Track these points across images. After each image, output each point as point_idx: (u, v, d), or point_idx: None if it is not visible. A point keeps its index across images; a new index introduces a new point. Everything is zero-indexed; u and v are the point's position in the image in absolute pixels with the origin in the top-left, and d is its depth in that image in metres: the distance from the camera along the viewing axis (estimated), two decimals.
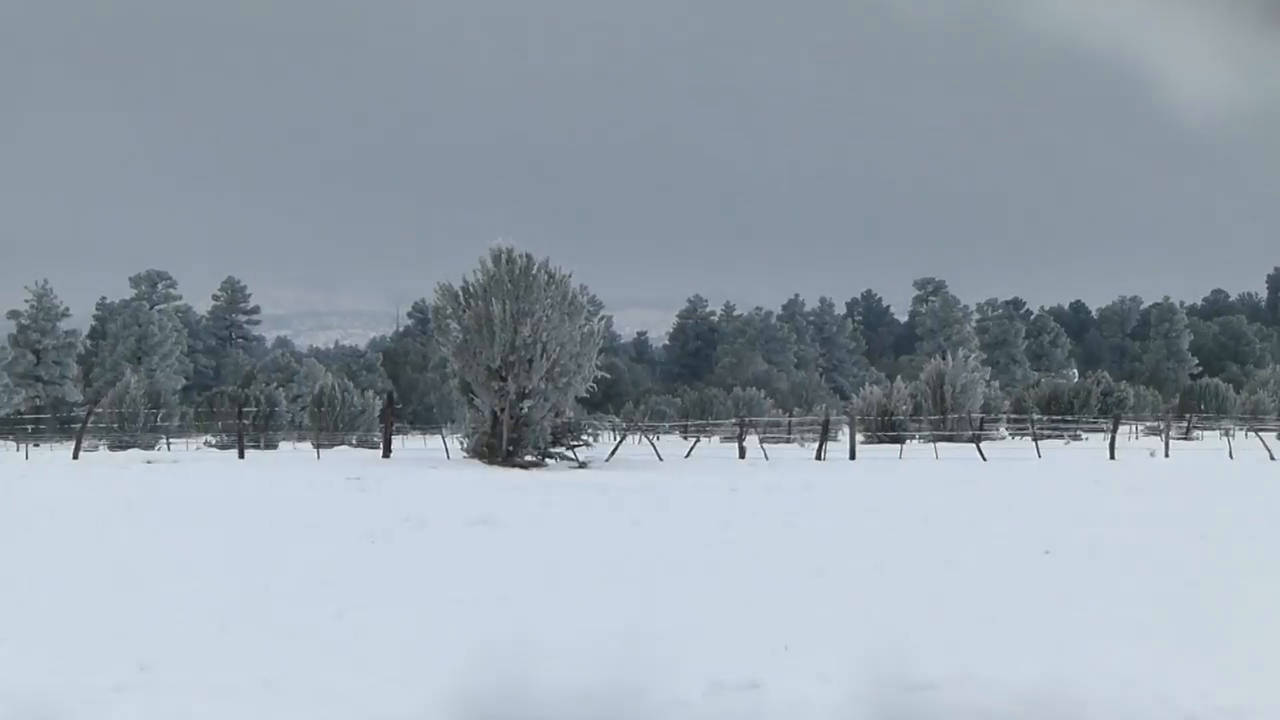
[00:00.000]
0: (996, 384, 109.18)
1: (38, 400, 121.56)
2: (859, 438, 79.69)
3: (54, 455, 76.05)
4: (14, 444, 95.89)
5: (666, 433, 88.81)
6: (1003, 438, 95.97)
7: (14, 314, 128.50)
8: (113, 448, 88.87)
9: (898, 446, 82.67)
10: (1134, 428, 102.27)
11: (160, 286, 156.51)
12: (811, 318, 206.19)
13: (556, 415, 62.94)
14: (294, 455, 76.36)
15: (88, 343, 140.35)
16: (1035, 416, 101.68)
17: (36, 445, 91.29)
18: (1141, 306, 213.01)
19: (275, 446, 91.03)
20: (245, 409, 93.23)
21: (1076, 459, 70.69)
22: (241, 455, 71.64)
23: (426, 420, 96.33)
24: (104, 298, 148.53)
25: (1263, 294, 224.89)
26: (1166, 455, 74.51)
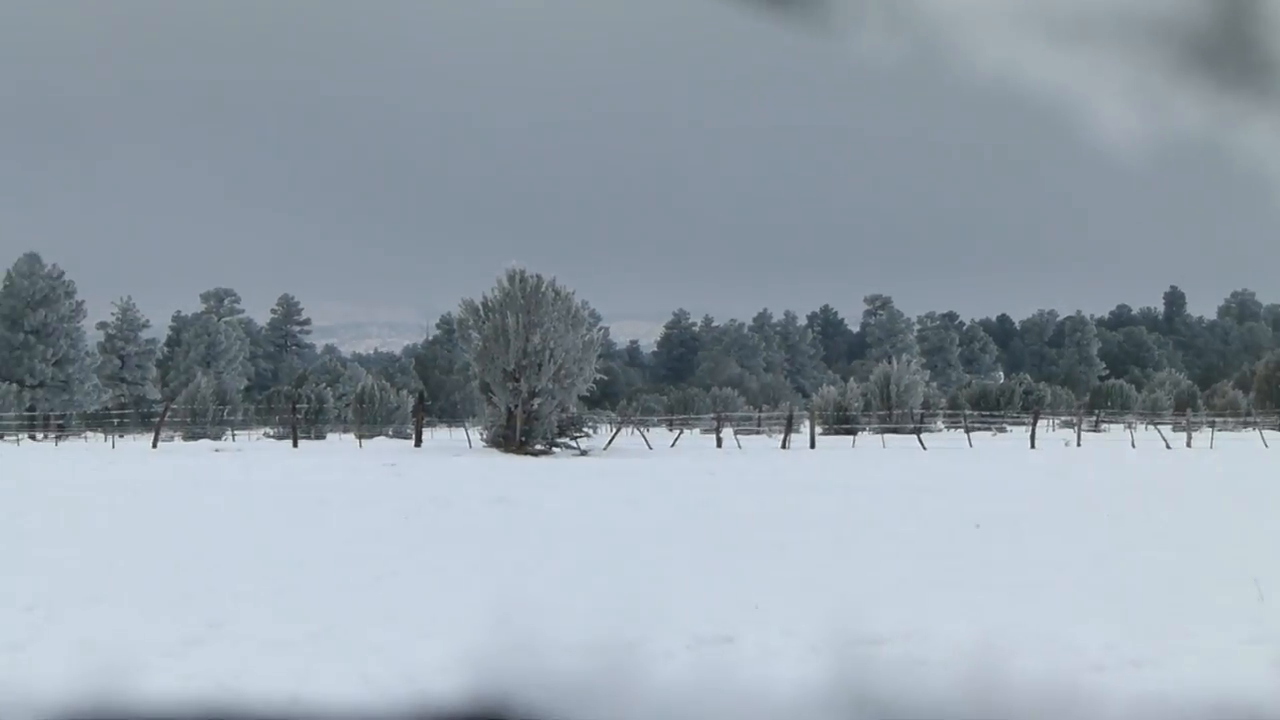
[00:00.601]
0: (934, 385, 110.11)
1: (122, 398, 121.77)
2: (818, 430, 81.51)
3: (136, 445, 76.22)
4: (103, 435, 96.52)
5: (655, 426, 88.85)
6: (940, 430, 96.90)
7: (103, 325, 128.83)
8: (186, 438, 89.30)
9: (851, 437, 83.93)
10: (1051, 422, 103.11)
11: (227, 302, 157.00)
12: (778, 328, 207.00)
13: (562, 411, 63.75)
14: (340, 445, 76.54)
15: (165, 349, 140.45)
16: (967, 412, 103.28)
17: (121, 436, 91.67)
18: (1058, 319, 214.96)
19: (324, 437, 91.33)
20: (298, 405, 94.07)
21: (1002, 448, 71.68)
22: (295, 444, 72.16)
23: (452, 415, 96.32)
24: (179, 311, 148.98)
25: (1160, 308, 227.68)
26: (1079, 445, 75.68)
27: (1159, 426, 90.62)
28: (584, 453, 62.87)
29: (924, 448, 69.46)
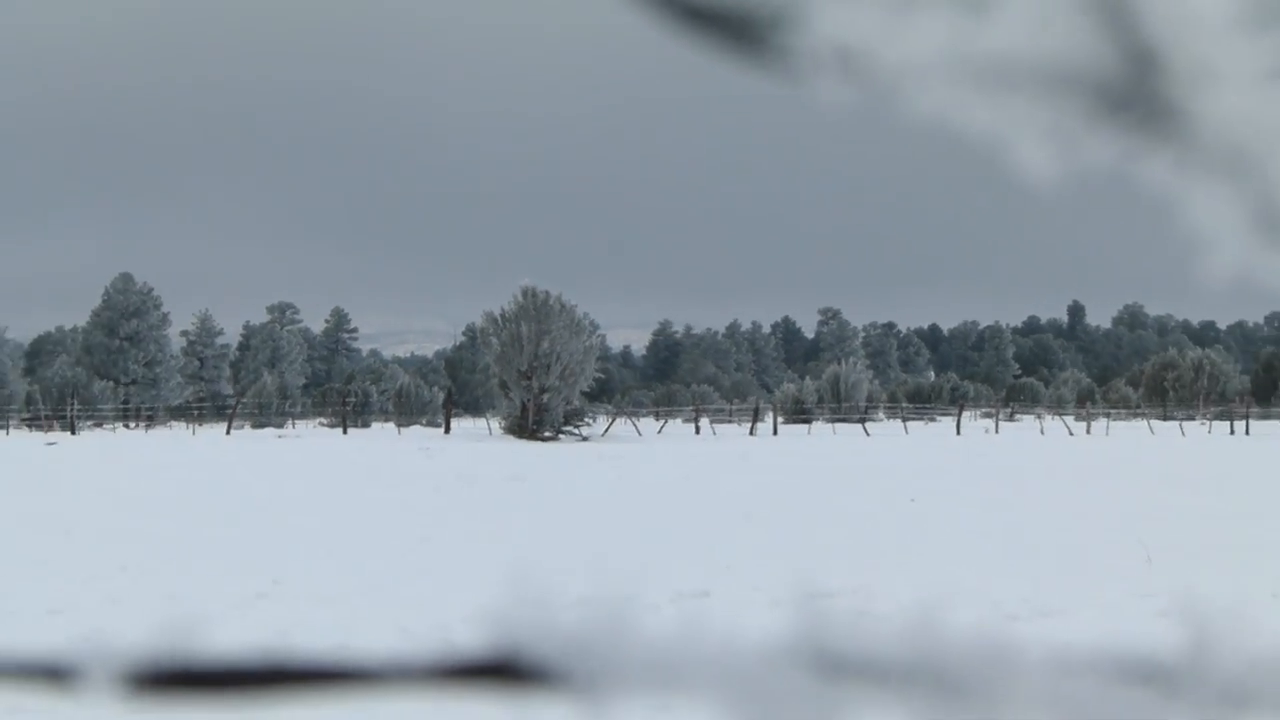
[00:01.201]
0: (876, 382, 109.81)
1: (200, 393, 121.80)
2: (780, 419, 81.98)
3: (212, 433, 76.06)
4: (184, 424, 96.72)
5: (644, 416, 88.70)
6: (881, 420, 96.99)
7: (184, 332, 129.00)
8: (254, 426, 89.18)
9: (807, 426, 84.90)
10: (973, 413, 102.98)
11: (288, 313, 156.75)
12: (746, 335, 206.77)
13: (567, 404, 63.95)
14: (381, 432, 76.31)
15: (236, 353, 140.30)
16: (904, 405, 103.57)
17: (199, 425, 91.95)
18: (979, 327, 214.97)
19: (369, 426, 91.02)
20: (347, 399, 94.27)
21: (933, 435, 71.41)
22: (345, 431, 72.69)
23: (475, 408, 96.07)
24: (248, 321, 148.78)
25: (1064, 318, 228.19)
26: (997, 432, 75.64)
27: (1063, 417, 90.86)
28: (585, 439, 63.11)
29: (868, 434, 70.66)
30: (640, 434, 69.71)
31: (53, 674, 0.46)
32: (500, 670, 0.44)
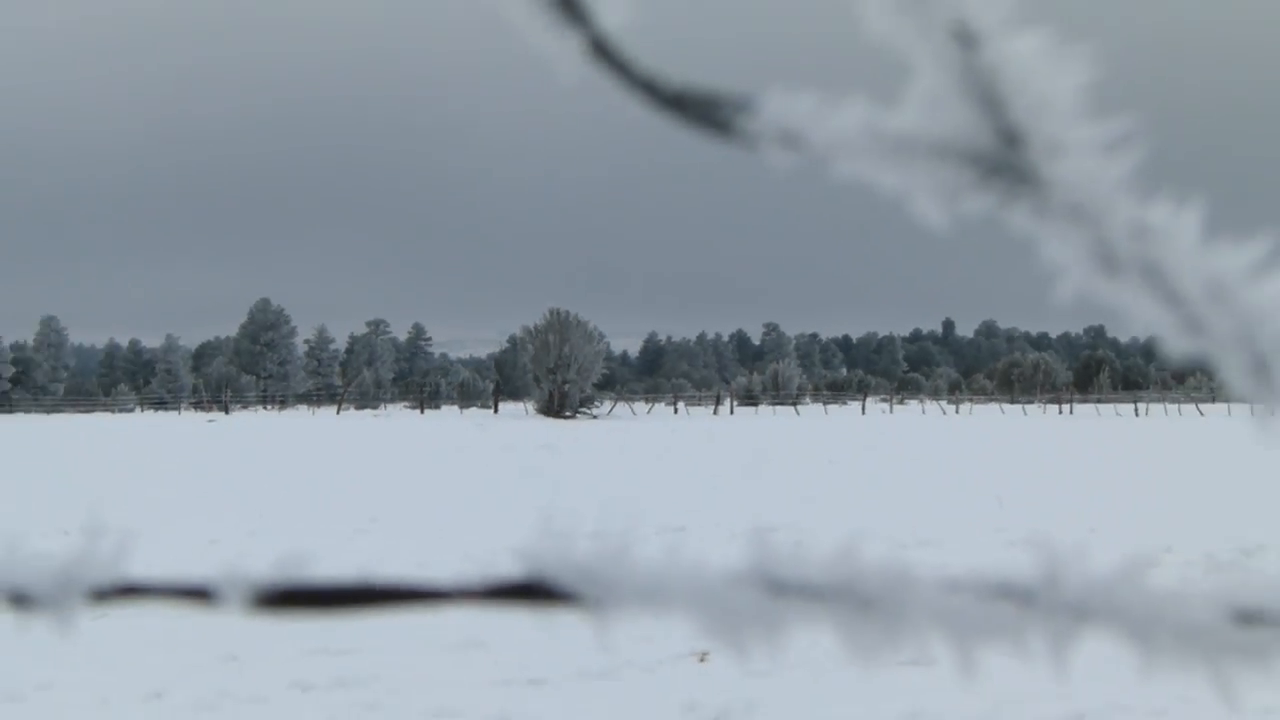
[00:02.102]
0: (804, 376, 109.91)
1: (318, 385, 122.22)
2: (735, 403, 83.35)
3: (326, 413, 76.20)
4: (306, 407, 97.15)
5: (636, 401, 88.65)
6: (807, 403, 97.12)
7: (307, 340, 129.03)
8: (356, 408, 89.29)
9: (754, 408, 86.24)
10: (874, 399, 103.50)
11: (381, 326, 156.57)
12: (710, 343, 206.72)
13: (581, 392, 64.99)
14: (448, 413, 76.34)
15: (344, 355, 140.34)
16: (824, 393, 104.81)
17: (317, 408, 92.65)
18: (878, 336, 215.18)
19: (439, 408, 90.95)
20: (424, 389, 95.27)
21: (845, 415, 72.00)
22: (422, 412, 73.94)
23: (516, 395, 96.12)
24: (352, 332, 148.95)
25: (940, 330, 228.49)
26: (891, 412, 76.53)
27: (938, 402, 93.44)
28: (595, 417, 64.62)
29: (798, 414, 73.03)
30: (634, 414, 71.81)
31: (201, 594, 0.45)
32: (532, 590, 0.43)
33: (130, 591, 0.46)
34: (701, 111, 0.34)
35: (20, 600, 0.45)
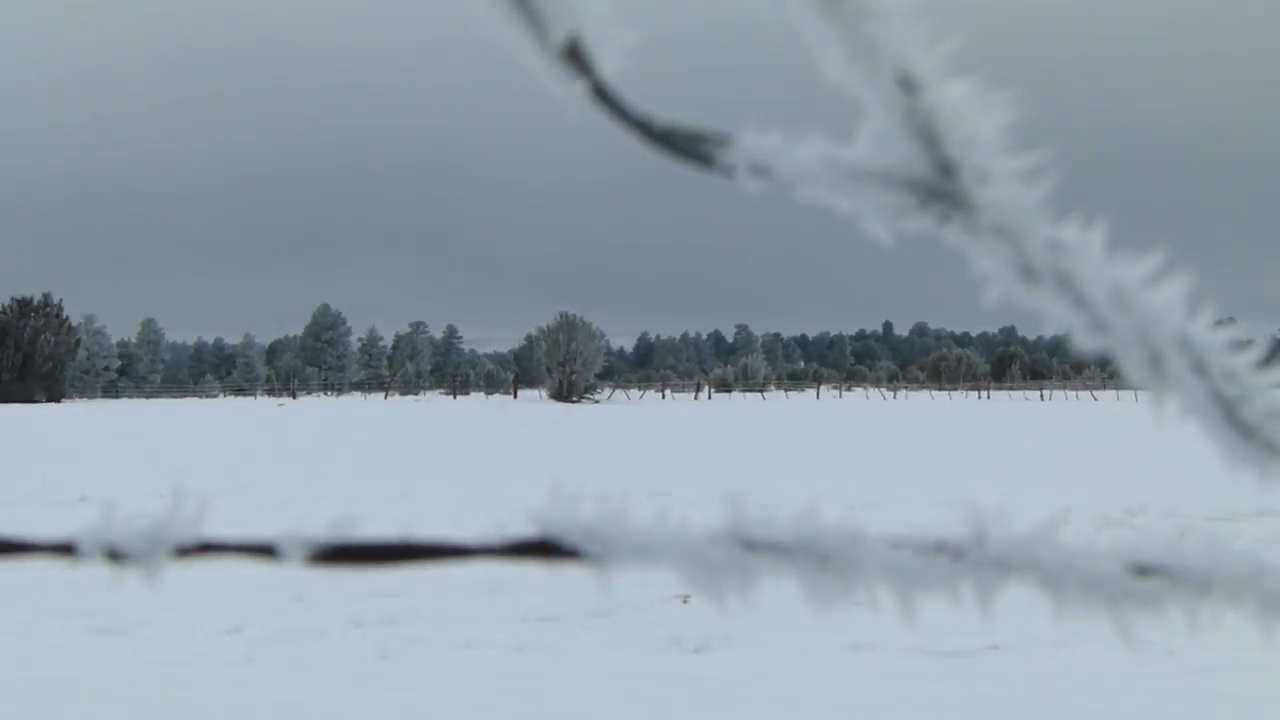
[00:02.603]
0: (769, 368, 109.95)
1: (369, 375, 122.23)
2: (712, 391, 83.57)
3: (375, 398, 76.38)
4: (359, 394, 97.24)
5: (630, 389, 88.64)
6: (772, 391, 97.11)
7: (360, 339, 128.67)
8: (401, 395, 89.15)
9: (728, 394, 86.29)
10: (827, 387, 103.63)
11: (420, 327, 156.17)
12: (692, 340, 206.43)
13: (585, 381, 65.29)
14: (476, 398, 76.50)
15: (390, 350, 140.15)
16: (785, 382, 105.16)
17: (367, 394, 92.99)
18: (830, 334, 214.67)
19: (469, 394, 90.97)
20: (456, 379, 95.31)
21: (802, 400, 72.10)
22: (455, 398, 73.95)
23: (532, 384, 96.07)
24: (397, 332, 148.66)
25: (880, 329, 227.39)
26: (840, 398, 76.66)
27: (879, 389, 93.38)
28: (597, 402, 65.07)
29: (764, 399, 72.81)
30: (629, 399, 72.30)
31: (268, 551, 0.45)
32: (544, 547, 0.42)
33: (208, 548, 0.46)
34: (686, 147, 0.34)
35: (114, 555, 0.45)
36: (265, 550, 0.45)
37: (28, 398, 71.66)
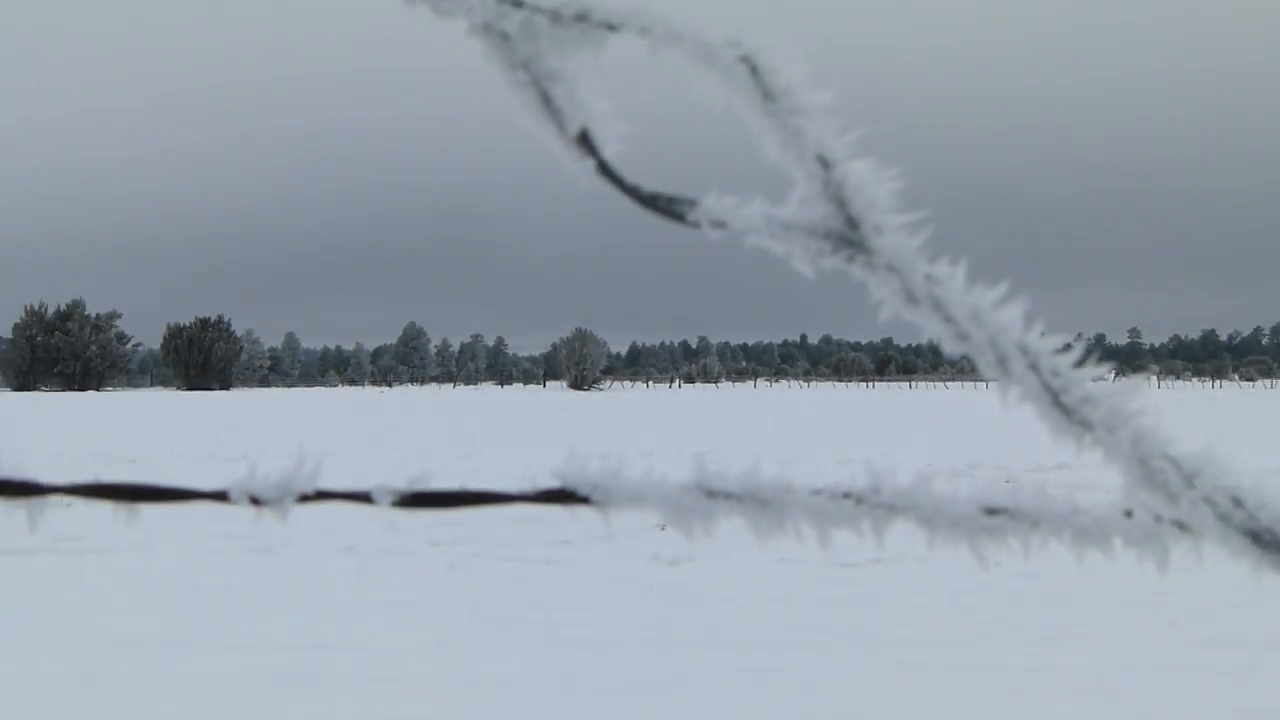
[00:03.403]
0: (722, 367, 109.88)
1: (442, 371, 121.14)
2: (682, 383, 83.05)
3: (444, 388, 76.11)
4: (435, 384, 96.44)
5: (625, 381, 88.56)
6: (724, 383, 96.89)
7: (436, 346, 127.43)
8: (465, 385, 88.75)
9: (694, 385, 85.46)
10: (763, 380, 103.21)
11: (478, 338, 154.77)
12: (668, 348, 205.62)
13: (592, 376, 64.78)
14: (517, 388, 76.41)
15: (458, 353, 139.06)
16: (734, 376, 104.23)
17: (441, 385, 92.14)
18: (765, 343, 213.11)
19: (511, 384, 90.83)
20: (503, 375, 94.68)
21: (745, 390, 71.84)
22: (501, 387, 73.31)
23: (556, 377, 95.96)
24: (462, 341, 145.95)
25: (798, 339, 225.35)
26: (771, 388, 76.15)
27: (799, 381, 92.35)
28: (601, 390, 63.96)
29: (717, 388, 72.09)
30: (623, 388, 71.44)
31: (365, 498, 0.43)
32: (563, 495, 0.41)
33: (322, 495, 0.44)
34: (665, 207, 0.34)
35: (255, 500, 0.43)
36: (364, 497, 0.44)
37: (206, 386, 71.85)
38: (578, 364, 64.84)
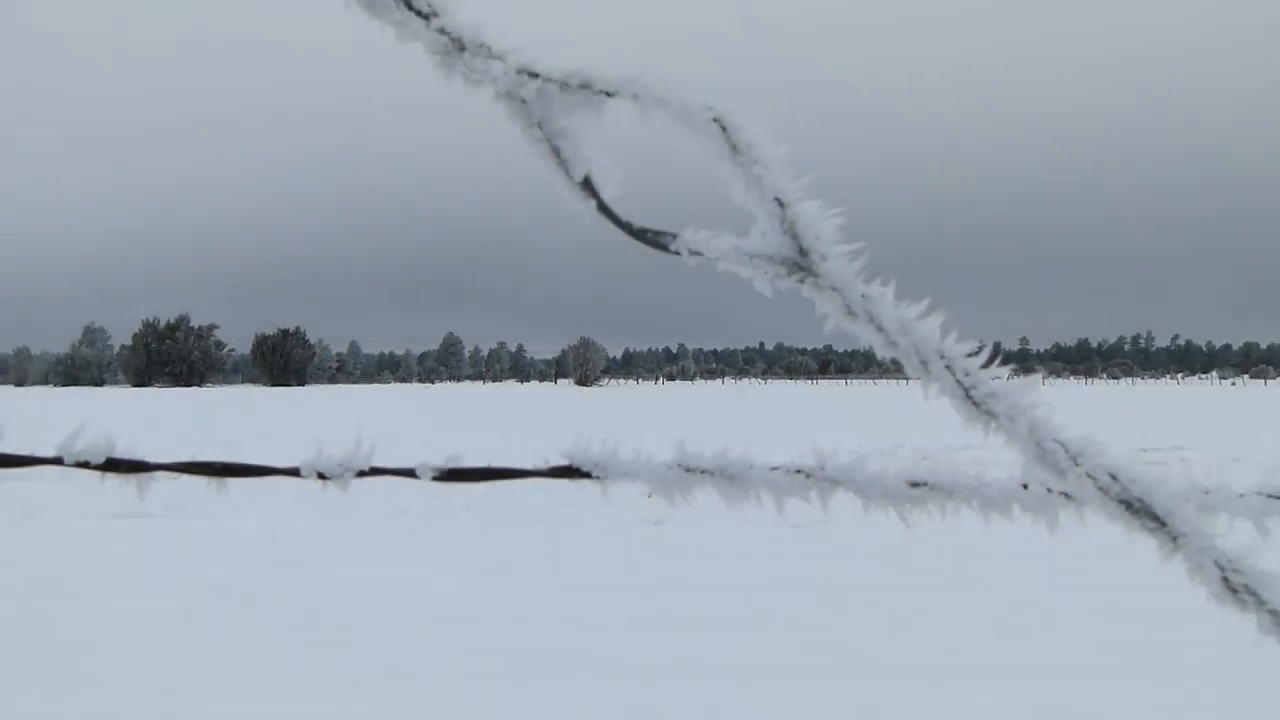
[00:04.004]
0: (696, 368, 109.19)
1: (473, 372, 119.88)
2: (665, 380, 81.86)
3: (479, 385, 75.56)
4: (469, 381, 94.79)
5: (620, 379, 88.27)
6: (698, 380, 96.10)
7: (470, 351, 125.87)
8: (493, 382, 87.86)
9: (675, 382, 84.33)
10: (729, 379, 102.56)
11: (502, 345, 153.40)
12: (653, 354, 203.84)
13: (595, 375, 64.37)
14: (534, 385, 75.92)
15: (487, 357, 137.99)
16: (706, 376, 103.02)
17: (475, 382, 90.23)
18: (730, 349, 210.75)
19: (529, 382, 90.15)
20: (524, 374, 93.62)
21: (715, 385, 71.42)
22: (522, 384, 72.53)
23: (566, 376, 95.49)
24: (491, 348, 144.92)
25: (757, 345, 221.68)
26: (736, 383, 75.24)
27: (758, 379, 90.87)
28: (601, 386, 63.57)
29: (693, 384, 70.71)
30: (619, 385, 70.81)
31: (410, 473, 0.43)
32: (570, 470, 0.40)
33: (376, 471, 0.44)
34: (653, 239, 0.33)
35: (321, 475, 0.43)
36: (409, 473, 0.43)
37: (286, 383, 71.38)
38: (582, 365, 64.72)
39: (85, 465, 0.41)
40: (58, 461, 0.41)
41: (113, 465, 0.42)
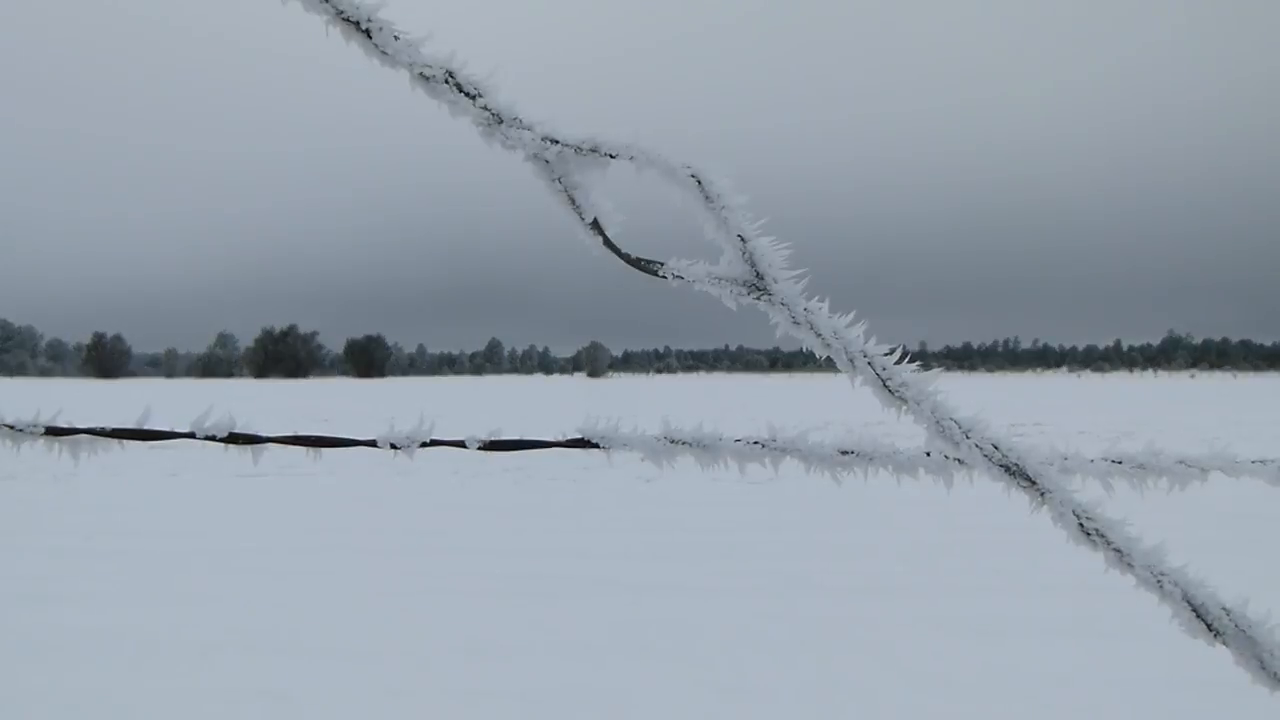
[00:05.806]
0: (679, 367, 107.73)
1: (510, 368, 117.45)
2: (657, 374, 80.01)
3: (514, 377, 74.87)
4: (509, 375, 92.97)
5: (622, 372, 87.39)
6: (683, 374, 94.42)
7: (509, 352, 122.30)
8: (525, 375, 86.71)
9: (662, 374, 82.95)
10: (703, 373, 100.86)
11: (533, 347, 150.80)
12: (648, 354, 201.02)
13: (602, 369, 63.70)
14: (555, 377, 75.52)
15: (521, 356, 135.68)
16: (684, 372, 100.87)
17: (510, 374, 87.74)
18: (705, 350, 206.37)
19: (552, 374, 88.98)
20: (549, 369, 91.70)
21: (700, 379, 70.78)
22: (547, 376, 71.64)
23: (579, 369, 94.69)
24: (522, 350, 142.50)
25: (725, 348, 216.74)
26: (707, 375, 74.33)
27: (731, 374, 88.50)
28: (608, 379, 63.09)
29: (675, 378, 69.56)
30: (619, 378, 70.04)
31: (460, 444, 0.42)
32: (583, 442, 0.39)
33: (435, 442, 0.43)
34: (645, 266, 0.33)
35: (394, 445, 0.42)
36: (460, 444, 0.43)
37: (370, 376, 71.17)
38: (592, 362, 64.57)
39: (212, 438, 0.40)
40: (190, 436, 0.41)
41: (233, 438, 0.42)
